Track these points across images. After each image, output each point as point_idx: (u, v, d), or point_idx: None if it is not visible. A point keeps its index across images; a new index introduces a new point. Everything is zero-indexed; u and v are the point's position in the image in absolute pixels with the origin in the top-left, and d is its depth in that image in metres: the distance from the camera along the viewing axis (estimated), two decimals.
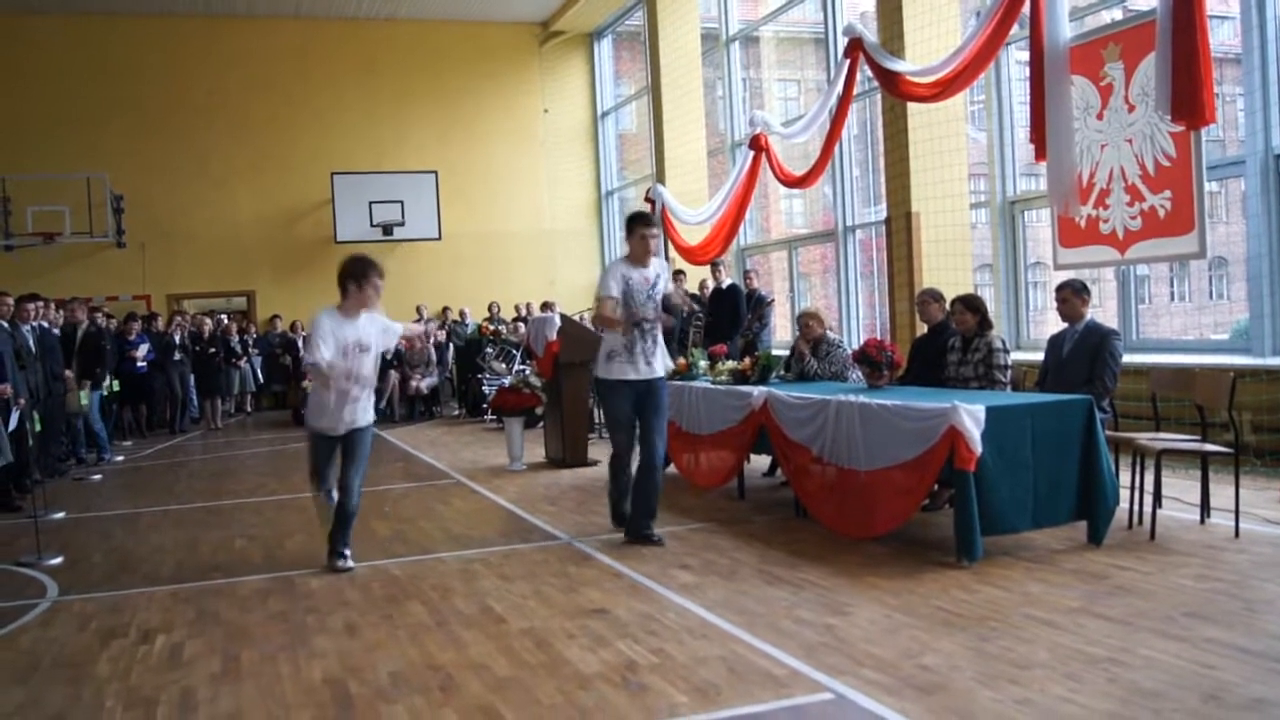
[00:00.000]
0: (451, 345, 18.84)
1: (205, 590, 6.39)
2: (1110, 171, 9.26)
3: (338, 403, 6.62)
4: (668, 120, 18.20)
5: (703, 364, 9.50)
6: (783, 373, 8.65)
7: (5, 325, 9.88)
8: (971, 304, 7.63)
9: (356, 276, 6.63)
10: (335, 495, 6.85)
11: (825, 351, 8.52)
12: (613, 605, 5.54)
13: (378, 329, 6.79)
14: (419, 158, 20.65)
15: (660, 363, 7.07)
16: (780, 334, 15.59)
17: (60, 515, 9.25)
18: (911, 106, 11.35)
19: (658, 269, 7.10)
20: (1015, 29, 9.79)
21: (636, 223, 7.06)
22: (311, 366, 6.50)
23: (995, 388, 7.30)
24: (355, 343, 6.61)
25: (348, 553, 6.81)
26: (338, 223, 19.62)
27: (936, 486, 6.71)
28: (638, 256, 7.01)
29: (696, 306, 13.72)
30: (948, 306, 8.04)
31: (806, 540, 6.82)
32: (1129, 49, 9.04)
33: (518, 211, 21.74)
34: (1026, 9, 9.29)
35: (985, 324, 7.56)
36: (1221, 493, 6.72)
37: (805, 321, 8.65)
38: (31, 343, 10.44)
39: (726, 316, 13.47)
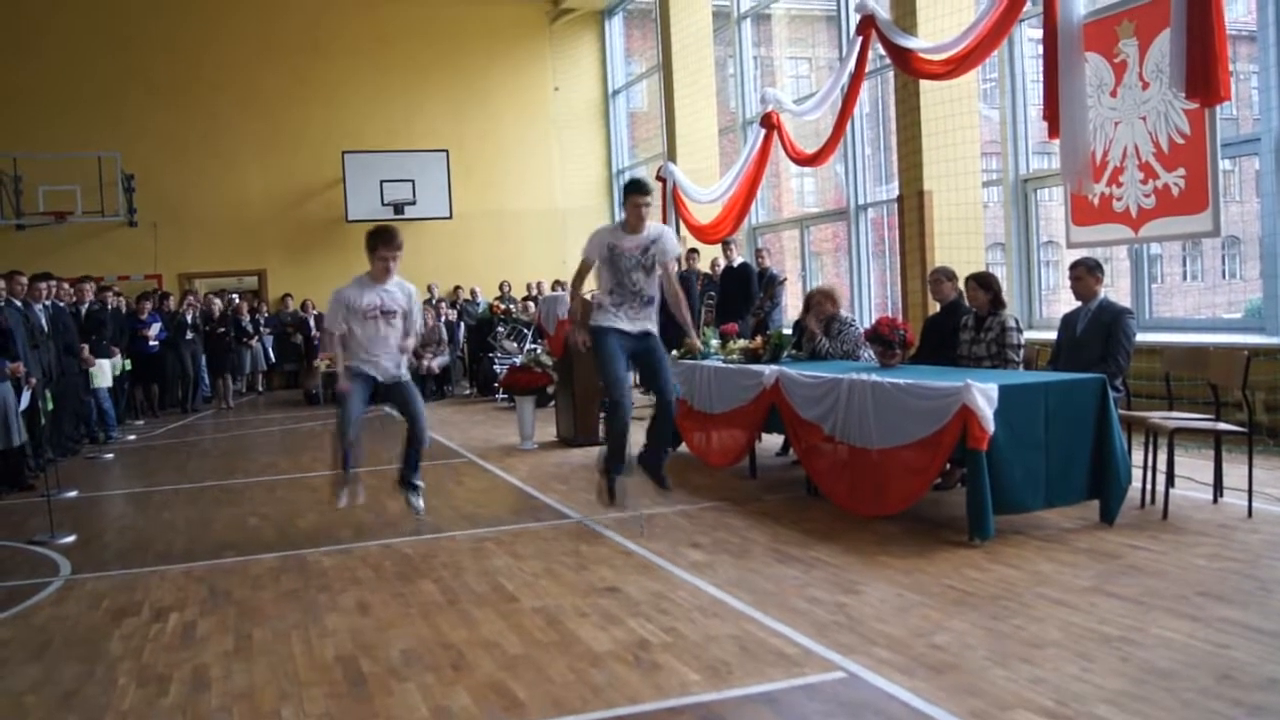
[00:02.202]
0: (463, 324, 18.85)
1: (217, 569, 6.41)
2: (1124, 149, 9.21)
3: (369, 361, 7.03)
4: (679, 98, 18.12)
5: (714, 343, 9.48)
6: (794, 351, 8.63)
7: (18, 304, 9.91)
8: (984, 282, 7.59)
9: (368, 248, 7.08)
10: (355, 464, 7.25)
11: (837, 330, 8.49)
12: (624, 583, 5.55)
13: (405, 296, 7.17)
14: (430, 136, 20.61)
15: (649, 323, 6.97)
16: (792, 313, 15.55)
17: (73, 494, 9.28)
18: (924, 84, 11.30)
19: (653, 234, 6.96)
20: (1029, 5, 9.74)
21: (630, 191, 6.95)
22: (325, 334, 7.05)
23: (1008, 367, 7.27)
24: (376, 307, 6.99)
25: (419, 484, 7.52)
26: (349, 202, 19.62)
27: (949, 465, 6.69)
28: (631, 224, 6.94)
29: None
30: (960, 284, 8.02)
31: (818, 519, 6.81)
32: (1143, 26, 8.98)
33: (529, 190, 21.71)
34: None
35: (998, 303, 7.52)
36: (1235, 472, 6.69)
37: (818, 300, 8.62)
38: (44, 322, 10.47)
39: (737, 295, 13.44)
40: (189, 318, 16.72)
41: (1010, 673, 3.98)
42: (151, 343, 15.71)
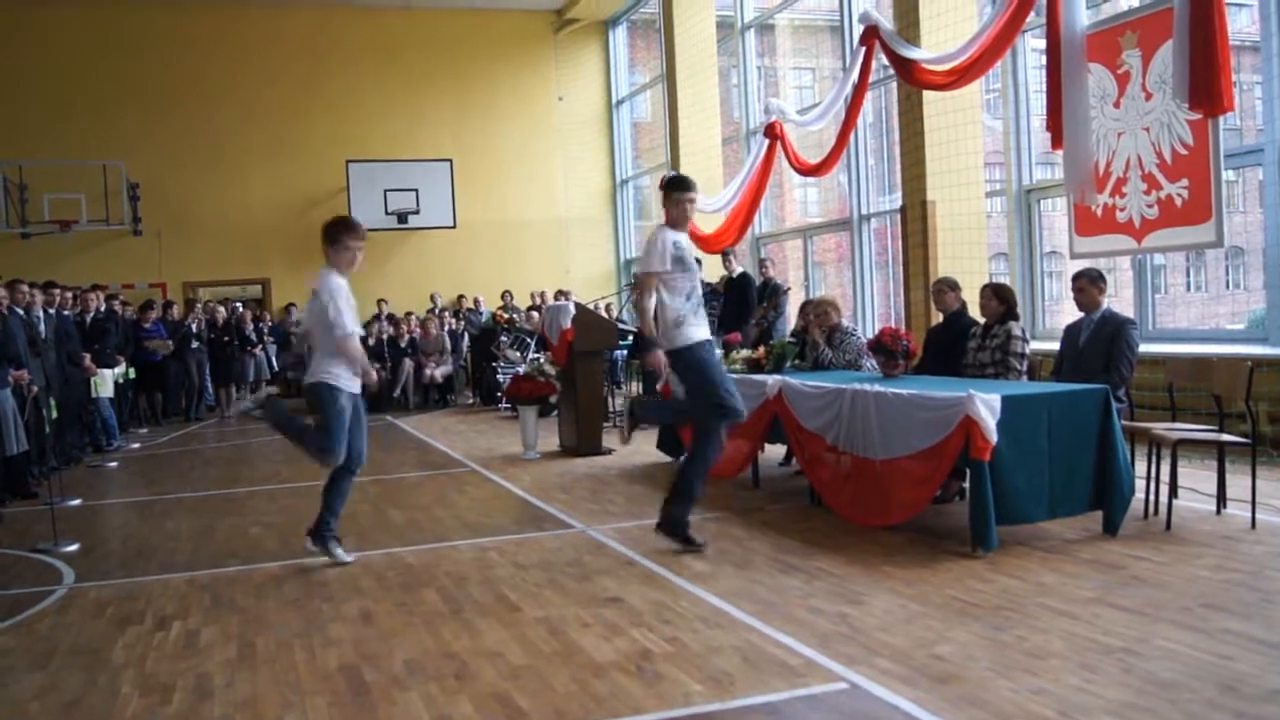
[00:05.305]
0: (466, 333, 18.86)
1: (220, 577, 6.41)
2: (1127, 160, 9.21)
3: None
4: (682, 108, 18.15)
5: (717, 353, 9.47)
6: (797, 361, 8.63)
7: (21, 313, 9.93)
8: (1001, 293, 7.59)
9: (330, 240, 6.55)
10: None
11: (839, 340, 8.50)
12: (627, 594, 5.54)
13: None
14: (434, 145, 20.64)
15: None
16: (795, 323, 15.56)
17: (76, 502, 9.29)
18: (927, 94, 11.31)
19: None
20: (1032, 16, 9.74)
21: (672, 188, 6.55)
22: (345, 338, 6.41)
23: (1010, 375, 7.27)
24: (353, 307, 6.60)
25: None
26: (352, 211, 19.50)
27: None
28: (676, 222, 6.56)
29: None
30: (965, 295, 8.03)
31: (821, 529, 6.81)
32: (1146, 36, 8.99)
33: (532, 200, 21.72)
34: None
35: (1011, 315, 7.52)
36: (1238, 483, 6.69)
37: (822, 309, 8.63)
38: (45, 330, 10.49)
39: (738, 305, 13.45)
40: (194, 327, 16.74)
41: (1013, 683, 3.98)
42: (162, 351, 15.76)
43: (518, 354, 16.16)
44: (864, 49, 11.64)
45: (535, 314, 17.08)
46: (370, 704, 4.16)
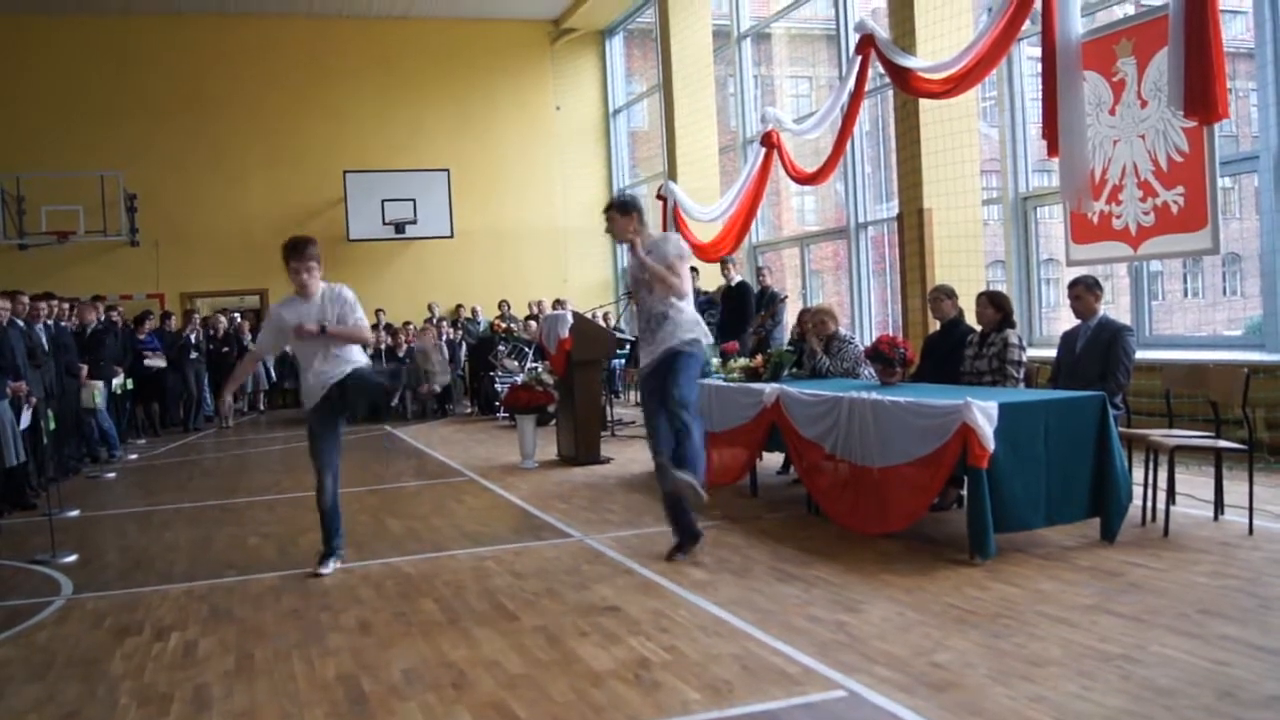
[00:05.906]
0: (464, 343, 18.86)
1: (219, 588, 6.41)
2: (1123, 167, 9.23)
3: (313, 384, 6.56)
4: (679, 117, 18.18)
5: (714, 361, 9.49)
6: (794, 369, 8.63)
7: (20, 324, 9.94)
8: (996, 301, 7.60)
9: (283, 261, 6.54)
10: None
11: (837, 348, 8.51)
12: (625, 602, 5.54)
13: (336, 308, 6.57)
14: (431, 155, 20.67)
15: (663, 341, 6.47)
16: (793, 331, 15.57)
17: (74, 513, 9.28)
18: (923, 103, 11.34)
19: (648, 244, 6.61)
20: (1027, 24, 9.78)
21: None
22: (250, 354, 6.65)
23: (1007, 383, 7.28)
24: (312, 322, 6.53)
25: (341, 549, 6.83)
26: (350, 221, 19.66)
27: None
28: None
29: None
30: (962, 302, 8.03)
31: (819, 537, 6.81)
32: (1141, 44, 9.02)
33: (530, 209, 21.75)
34: (1038, 5, 9.28)
35: (1007, 322, 7.53)
36: (1235, 489, 6.69)
37: (820, 318, 8.63)
38: (44, 341, 10.49)
39: (736, 314, 13.46)
40: (193, 338, 16.74)
41: (1011, 691, 3.98)
42: (157, 364, 15.75)
43: (515, 363, 16.16)
44: (860, 57, 11.67)
45: (533, 323, 17.08)
46: (368, 714, 4.16)
